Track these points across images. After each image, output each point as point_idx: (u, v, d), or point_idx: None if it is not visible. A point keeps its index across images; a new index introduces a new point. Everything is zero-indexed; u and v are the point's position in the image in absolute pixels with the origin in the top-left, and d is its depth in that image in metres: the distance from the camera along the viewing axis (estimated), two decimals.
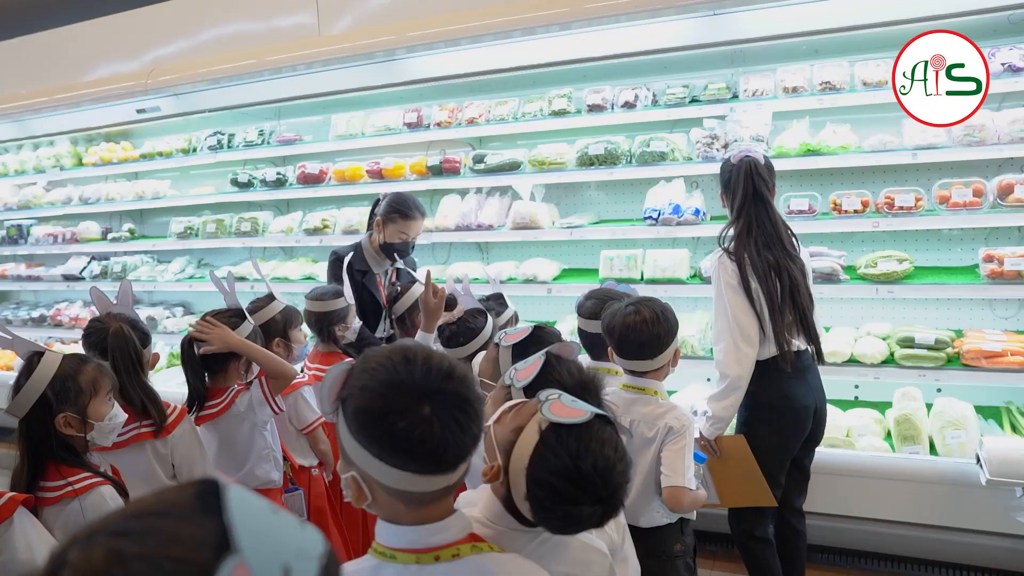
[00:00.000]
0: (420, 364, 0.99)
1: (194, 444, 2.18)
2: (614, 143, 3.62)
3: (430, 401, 0.97)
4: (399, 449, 0.96)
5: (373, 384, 0.98)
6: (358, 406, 0.98)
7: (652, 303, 2.07)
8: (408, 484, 0.99)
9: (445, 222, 3.99)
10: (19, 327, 5.61)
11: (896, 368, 3.13)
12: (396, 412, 0.96)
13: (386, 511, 1.04)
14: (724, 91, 3.44)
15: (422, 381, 0.98)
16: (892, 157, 3.13)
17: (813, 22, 3.10)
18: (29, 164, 5.64)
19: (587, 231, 3.71)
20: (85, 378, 1.76)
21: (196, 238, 4.87)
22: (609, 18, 3.27)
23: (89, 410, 1.76)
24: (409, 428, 0.95)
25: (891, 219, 3.13)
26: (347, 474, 1.02)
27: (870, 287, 3.20)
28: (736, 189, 2.46)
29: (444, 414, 0.97)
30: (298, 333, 2.68)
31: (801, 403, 2.45)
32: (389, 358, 1.00)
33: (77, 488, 1.69)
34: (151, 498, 0.57)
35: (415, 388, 0.97)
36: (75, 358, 1.80)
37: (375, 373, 0.99)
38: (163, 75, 4.33)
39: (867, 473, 2.95)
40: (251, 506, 0.56)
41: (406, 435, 0.95)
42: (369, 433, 0.97)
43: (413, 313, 2.85)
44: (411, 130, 4.07)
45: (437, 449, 0.97)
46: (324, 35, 4.05)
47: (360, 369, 1.01)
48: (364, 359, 1.02)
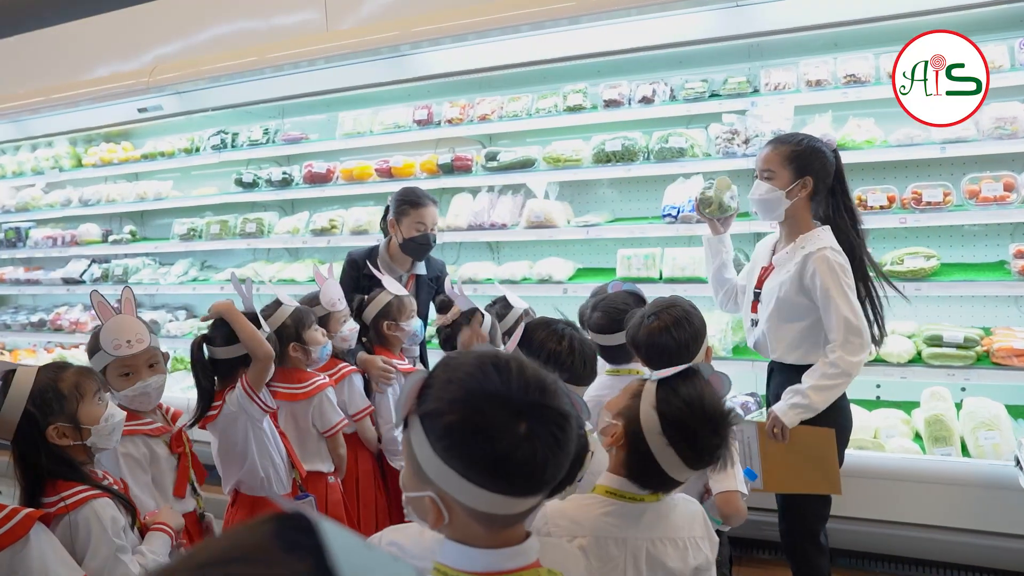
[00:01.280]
0: (515, 375, 0.90)
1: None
2: (631, 139, 3.53)
3: (527, 418, 0.88)
4: (494, 470, 0.88)
5: (463, 396, 0.89)
6: (450, 422, 0.89)
7: (673, 307, 1.98)
8: (496, 506, 0.90)
9: (457, 221, 3.90)
10: (18, 332, 5.51)
11: (924, 367, 3.06)
12: (493, 429, 0.87)
13: (460, 532, 0.95)
14: (745, 85, 3.36)
15: (519, 395, 0.89)
16: (920, 151, 3.05)
17: (837, 13, 3.03)
18: (27, 166, 5.53)
19: (604, 229, 3.63)
20: (66, 384, 1.70)
21: (200, 240, 4.77)
22: (627, 10, 3.19)
23: (80, 415, 1.69)
24: (509, 449, 0.87)
25: (919, 215, 3.06)
26: (421, 493, 0.93)
27: (897, 284, 3.11)
28: (829, 177, 2.35)
29: (544, 432, 0.88)
30: (313, 334, 2.59)
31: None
32: (478, 367, 0.91)
33: (69, 503, 1.62)
34: (223, 542, 0.48)
35: (512, 402, 0.88)
36: (51, 367, 1.74)
37: (465, 384, 0.90)
38: (166, 73, 4.24)
39: (898, 476, 2.87)
40: (347, 542, 0.47)
41: (504, 456, 0.87)
42: (460, 452, 0.88)
43: (379, 322, 2.78)
44: (421, 127, 3.97)
45: (535, 471, 0.89)
46: (332, 30, 3.96)
47: (445, 379, 0.91)
48: (446, 367, 0.93)
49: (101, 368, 1.96)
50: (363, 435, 2.76)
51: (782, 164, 2.35)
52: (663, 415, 1.31)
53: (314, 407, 2.58)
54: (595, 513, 1.34)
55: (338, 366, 2.73)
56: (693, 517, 1.42)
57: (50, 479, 1.65)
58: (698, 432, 1.30)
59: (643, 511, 1.35)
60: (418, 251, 3.09)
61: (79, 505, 1.62)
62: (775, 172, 2.36)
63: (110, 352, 1.97)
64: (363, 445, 2.78)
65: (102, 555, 1.61)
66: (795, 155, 2.35)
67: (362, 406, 2.74)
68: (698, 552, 1.37)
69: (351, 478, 2.71)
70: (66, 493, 1.63)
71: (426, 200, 3.06)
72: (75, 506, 1.61)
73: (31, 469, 1.65)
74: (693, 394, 1.32)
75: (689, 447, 1.30)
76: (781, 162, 2.36)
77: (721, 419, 1.33)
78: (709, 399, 1.33)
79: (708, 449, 1.32)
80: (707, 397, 1.33)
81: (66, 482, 1.65)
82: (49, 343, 5.53)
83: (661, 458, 1.30)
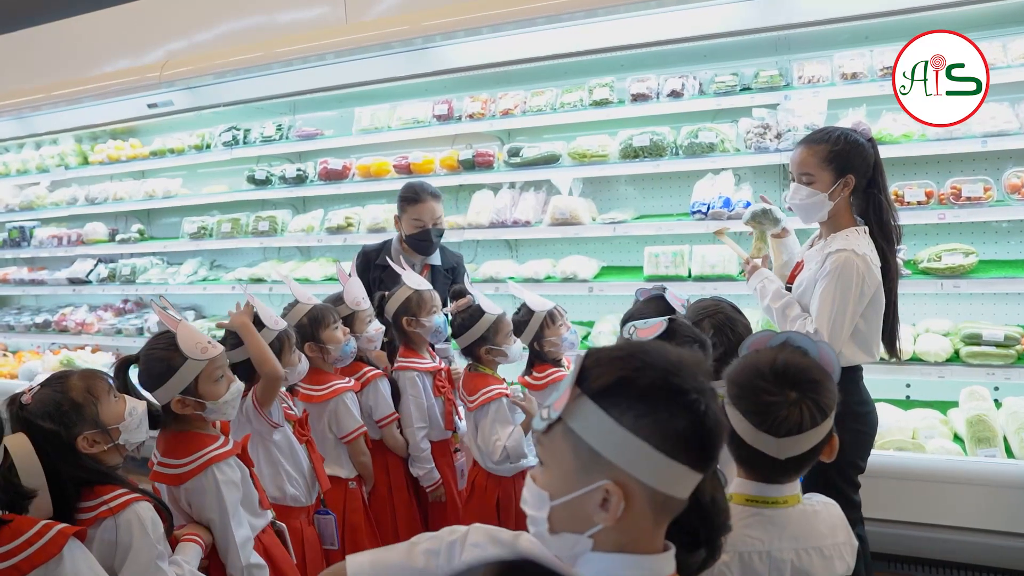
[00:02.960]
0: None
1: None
2: (660, 134, 3.45)
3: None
4: (691, 434, 0.88)
5: (649, 360, 0.89)
6: (645, 386, 0.88)
7: (717, 313, 1.83)
8: (681, 484, 0.90)
9: (478, 219, 3.82)
10: (22, 333, 5.40)
11: (962, 366, 2.99)
12: (691, 392, 0.89)
13: (627, 531, 0.90)
14: (777, 79, 3.29)
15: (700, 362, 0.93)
16: (960, 145, 2.98)
17: (873, 4, 2.95)
18: (32, 163, 5.41)
19: (631, 226, 3.55)
20: (77, 392, 1.62)
21: (211, 238, 4.67)
22: (647, 3, 3.11)
23: (103, 417, 1.63)
24: (704, 411, 0.89)
25: (958, 210, 2.99)
26: (592, 486, 0.88)
27: (934, 282, 3.06)
28: (870, 170, 2.24)
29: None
30: (332, 333, 2.49)
31: None
32: (641, 343, 0.95)
33: (113, 506, 1.57)
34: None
35: (703, 366, 0.93)
36: (53, 381, 1.65)
37: (646, 351, 0.92)
38: (178, 67, 4.13)
39: (941, 478, 2.80)
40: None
41: (701, 419, 0.89)
42: (656, 417, 0.87)
43: (399, 319, 2.68)
44: (441, 123, 3.88)
45: (720, 439, 0.91)
46: (352, 23, 3.86)
47: (609, 356, 0.91)
48: (598, 350, 0.91)
49: (192, 380, 1.82)
50: (388, 442, 2.65)
51: (821, 166, 2.23)
52: (734, 383, 1.27)
53: (330, 411, 2.49)
54: (736, 526, 1.17)
55: (363, 370, 2.64)
56: (836, 522, 1.34)
57: (86, 488, 1.59)
58: (755, 384, 1.23)
59: (787, 519, 1.26)
60: (419, 246, 3.06)
61: (122, 508, 1.57)
62: (814, 175, 2.24)
63: (199, 357, 1.83)
64: (394, 453, 2.67)
65: (143, 560, 1.55)
66: (834, 154, 2.22)
67: (388, 412, 2.63)
68: (842, 560, 1.30)
69: (383, 487, 2.61)
70: (107, 496, 1.58)
71: (424, 195, 3.01)
72: (119, 509, 1.57)
73: (63, 483, 1.58)
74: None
75: (750, 404, 1.22)
76: (819, 164, 2.23)
77: (776, 369, 1.25)
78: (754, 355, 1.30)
79: (769, 405, 1.22)
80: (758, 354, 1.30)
81: (105, 486, 1.59)
82: (53, 344, 5.41)
83: (740, 429, 1.23)
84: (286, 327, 2.30)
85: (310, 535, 2.16)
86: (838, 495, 2.24)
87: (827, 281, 2.15)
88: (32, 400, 1.59)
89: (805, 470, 1.29)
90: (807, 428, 1.22)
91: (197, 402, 1.82)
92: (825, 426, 1.25)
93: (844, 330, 2.15)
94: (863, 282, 2.13)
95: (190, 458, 1.78)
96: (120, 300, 5.44)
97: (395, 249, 3.13)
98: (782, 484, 1.28)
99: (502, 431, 2.45)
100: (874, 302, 2.19)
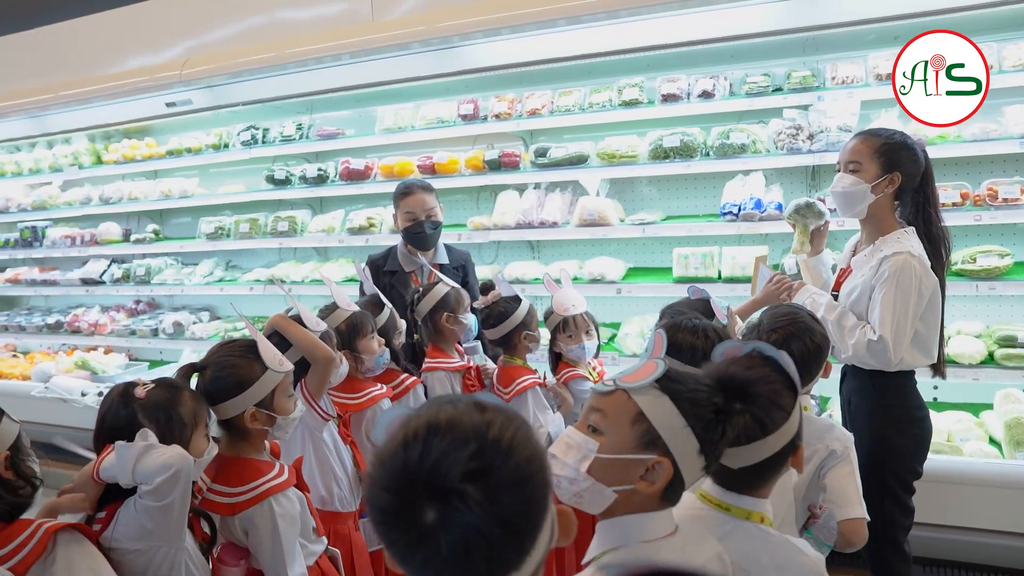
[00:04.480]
0: None
1: None
2: (690, 135, 3.43)
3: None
4: (715, 431, 1.13)
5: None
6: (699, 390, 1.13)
7: (794, 323, 1.76)
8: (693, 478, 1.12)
9: (504, 220, 3.78)
10: (34, 334, 5.34)
11: (996, 368, 2.98)
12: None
13: (649, 500, 1.09)
14: (810, 79, 3.27)
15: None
16: (996, 146, 2.96)
17: (906, 5, 2.94)
18: (44, 163, 5.35)
19: (660, 228, 3.52)
20: (185, 411, 1.61)
21: (228, 239, 4.62)
22: (682, 2, 3.09)
23: (191, 448, 1.59)
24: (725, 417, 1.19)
25: (994, 212, 2.97)
26: (645, 456, 1.07)
27: (969, 284, 3.04)
28: (917, 177, 2.24)
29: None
30: (368, 343, 2.41)
31: None
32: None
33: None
34: None
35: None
36: (166, 385, 1.63)
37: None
38: (198, 65, 4.09)
39: (980, 481, 2.78)
40: None
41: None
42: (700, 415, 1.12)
43: (436, 315, 2.64)
44: (467, 123, 3.85)
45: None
46: (379, 21, 3.83)
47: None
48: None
49: (269, 392, 1.76)
50: None
51: (871, 157, 2.24)
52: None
53: (367, 420, 2.43)
54: (685, 513, 1.26)
55: (399, 377, 2.58)
56: (792, 564, 1.26)
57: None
58: (700, 392, 1.16)
59: (730, 528, 1.24)
60: (415, 240, 3.03)
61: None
62: (863, 165, 2.24)
63: (278, 369, 1.78)
64: None
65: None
66: (886, 148, 2.23)
67: None
68: None
69: None
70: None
71: (413, 188, 3.01)
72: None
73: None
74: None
75: (701, 411, 1.13)
76: (870, 154, 2.24)
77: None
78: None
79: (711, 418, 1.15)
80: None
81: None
82: (64, 345, 5.36)
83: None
84: (327, 328, 2.26)
85: (357, 540, 2.11)
86: (893, 501, 2.24)
87: (887, 286, 2.11)
88: (145, 396, 1.57)
89: (768, 482, 1.28)
90: (744, 442, 1.22)
91: (268, 416, 1.75)
92: (774, 441, 1.23)
93: (907, 334, 2.12)
94: (921, 284, 2.11)
95: (246, 487, 1.69)
96: (132, 301, 5.38)
97: (401, 252, 3.09)
98: (741, 495, 1.27)
99: (543, 418, 2.47)
100: (931, 303, 2.17)
